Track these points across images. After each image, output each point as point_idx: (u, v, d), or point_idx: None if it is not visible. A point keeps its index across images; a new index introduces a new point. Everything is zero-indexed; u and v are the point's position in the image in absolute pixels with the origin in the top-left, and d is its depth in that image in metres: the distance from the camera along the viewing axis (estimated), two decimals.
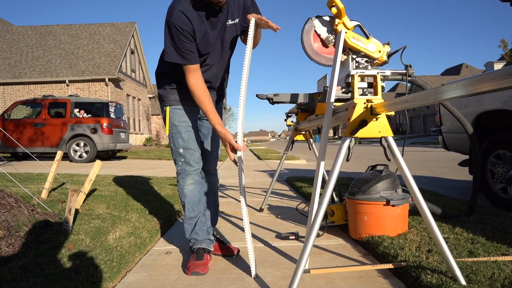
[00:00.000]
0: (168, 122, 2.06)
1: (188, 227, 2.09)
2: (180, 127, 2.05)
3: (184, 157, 2.05)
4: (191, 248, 2.08)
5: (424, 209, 1.61)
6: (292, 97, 3.16)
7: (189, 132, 2.07)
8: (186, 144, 2.05)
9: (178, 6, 1.83)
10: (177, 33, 1.83)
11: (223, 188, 5.13)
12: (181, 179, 2.07)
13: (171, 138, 2.07)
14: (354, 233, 2.37)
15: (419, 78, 2.09)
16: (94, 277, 1.69)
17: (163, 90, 2.08)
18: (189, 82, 1.92)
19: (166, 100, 2.07)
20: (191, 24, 1.85)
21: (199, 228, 2.08)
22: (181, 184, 2.07)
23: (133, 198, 3.47)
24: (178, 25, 1.82)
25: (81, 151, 9.72)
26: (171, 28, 1.83)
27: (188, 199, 2.06)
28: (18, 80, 16.85)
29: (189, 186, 2.06)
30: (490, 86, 0.99)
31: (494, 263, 1.70)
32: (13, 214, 2.17)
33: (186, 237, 2.11)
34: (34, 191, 3.02)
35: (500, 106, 3.28)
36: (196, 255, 1.99)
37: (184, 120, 2.05)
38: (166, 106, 2.07)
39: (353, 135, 1.64)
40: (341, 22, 1.86)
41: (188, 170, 2.06)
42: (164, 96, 2.08)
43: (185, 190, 2.06)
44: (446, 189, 4.65)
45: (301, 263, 1.50)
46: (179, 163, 2.07)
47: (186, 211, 2.08)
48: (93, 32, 20.48)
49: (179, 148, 2.05)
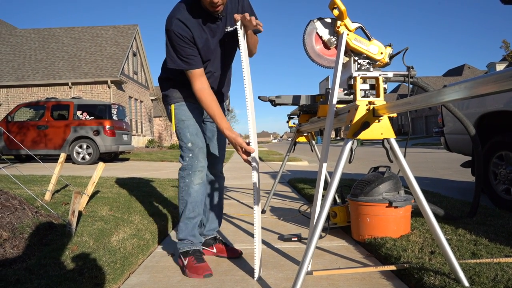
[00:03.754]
0: (174, 118, 2.05)
1: (184, 226, 2.04)
2: (188, 121, 2.04)
3: (193, 152, 2.01)
4: (183, 250, 2.01)
5: (426, 210, 1.61)
6: (294, 99, 3.16)
7: (196, 126, 2.06)
8: (194, 139, 2.03)
9: (177, 14, 1.85)
10: (177, 40, 1.84)
11: (226, 189, 5.13)
12: (187, 176, 2.01)
13: (178, 134, 2.05)
14: (357, 235, 2.37)
15: (421, 80, 2.09)
16: (97, 278, 1.69)
17: (166, 91, 2.10)
18: (195, 88, 1.92)
19: (170, 98, 2.07)
20: (190, 31, 1.86)
21: (196, 230, 2.06)
22: (187, 181, 2.01)
23: (136, 200, 3.48)
24: (177, 32, 1.83)
25: (84, 153, 9.75)
26: (171, 35, 1.85)
27: (191, 198, 2.02)
28: (21, 83, 16.94)
29: (197, 186, 2.02)
30: (493, 88, 0.99)
31: (497, 265, 1.70)
32: (17, 216, 2.18)
33: (179, 236, 2.05)
34: (38, 193, 3.04)
35: (502, 107, 3.28)
36: (194, 257, 1.94)
37: (190, 115, 2.05)
38: (171, 104, 2.07)
39: (355, 137, 1.64)
40: (343, 24, 1.87)
41: (195, 166, 2.01)
42: (168, 96, 2.09)
43: (191, 189, 2.01)
44: (448, 190, 4.63)
45: (304, 265, 1.50)
46: (186, 158, 2.02)
47: (187, 210, 2.03)
48: (95, 34, 20.57)
49: (188, 143, 2.01)
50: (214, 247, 2.23)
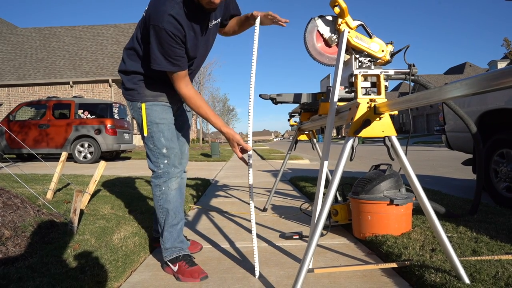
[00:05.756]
0: (146, 120, 1.86)
1: (169, 235, 1.92)
2: (163, 125, 1.87)
3: (169, 158, 1.88)
4: (171, 257, 1.90)
5: (427, 208, 1.61)
6: (295, 97, 3.16)
7: (171, 130, 1.91)
8: (170, 144, 1.88)
9: (169, 9, 1.65)
10: (168, 40, 1.66)
11: (227, 188, 5.14)
12: (163, 183, 1.89)
13: (150, 138, 1.87)
14: (358, 233, 2.37)
15: (422, 77, 2.09)
16: (99, 276, 1.70)
17: (134, 85, 1.86)
18: (182, 90, 1.79)
19: (140, 95, 1.86)
20: (183, 30, 1.70)
21: (182, 235, 1.97)
22: (164, 189, 1.89)
23: (137, 198, 3.49)
24: (170, 31, 1.64)
25: (85, 152, 9.77)
26: (161, 34, 1.64)
27: (172, 205, 1.90)
28: (22, 82, 16.96)
29: (174, 191, 1.91)
30: (495, 86, 0.99)
31: (498, 262, 1.70)
32: (19, 215, 2.19)
33: (166, 246, 1.91)
34: (40, 191, 3.05)
35: (504, 105, 3.27)
36: (185, 261, 1.86)
37: (165, 117, 1.89)
38: (141, 103, 1.87)
39: (356, 135, 1.64)
40: (344, 21, 1.87)
41: (172, 173, 1.89)
42: (136, 91, 1.86)
43: (170, 195, 1.89)
44: (449, 188, 4.63)
45: (305, 263, 1.51)
46: (161, 165, 1.88)
47: (169, 218, 1.91)
48: (96, 33, 20.57)
49: (162, 149, 1.87)
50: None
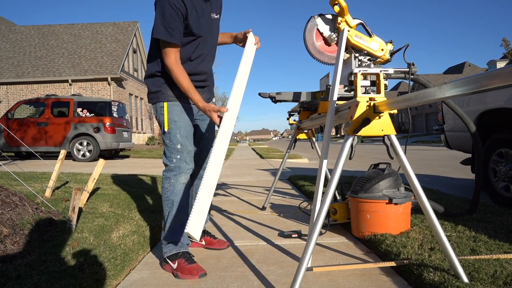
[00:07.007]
0: (167, 118, 1.98)
1: (171, 227, 1.95)
2: (180, 122, 1.99)
3: (182, 154, 1.98)
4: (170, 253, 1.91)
5: (426, 207, 1.62)
6: (295, 95, 3.16)
7: (188, 129, 2.03)
8: (184, 141, 1.99)
9: None
10: (170, 10, 1.82)
11: (226, 186, 5.14)
12: (173, 176, 1.97)
13: (168, 135, 1.99)
14: (357, 231, 2.37)
15: (421, 77, 2.09)
16: (98, 274, 1.70)
17: (158, 87, 2.01)
18: (169, 61, 1.88)
19: (164, 95, 2.00)
20: (185, 7, 1.86)
21: (183, 231, 1.94)
22: (172, 182, 1.97)
23: (136, 196, 3.49)
24: (172, 3, 1.82)
25: (84, 150, 9.76)
26: (164, 5, 1.83)
27: (178, 197, 1.96)
28: (21, 80, 16.92)
29: (181, 185, 1.98)
30: (493, 84, 0.99)
31: (497, 261, 1.70)
32: (17, 213, 2.18)
33: (167, 238, 1.95)
34: (38, 189, 3.04)
35: (503, 104, 3.27)
36: (184, 259, 1.87)
37: (183, 117, 2.01)
38: (163, 102, 1.99)
39: (355, 134, 1.64)
40: (344, 20, 1.86)
41: (183, 168, 1.99)
42: (160, 92, 2.01)
43: (177, 188, 1.97)
44: (448, 187, 4.64)
45: (304, 261, 1.51)
46: (173, 160, 1.98)
47: (174, 210, 1.95)
48: (95, 31, 20.52)
49: (177, 144, 1.98)
50: (202, 240, 2.28)
